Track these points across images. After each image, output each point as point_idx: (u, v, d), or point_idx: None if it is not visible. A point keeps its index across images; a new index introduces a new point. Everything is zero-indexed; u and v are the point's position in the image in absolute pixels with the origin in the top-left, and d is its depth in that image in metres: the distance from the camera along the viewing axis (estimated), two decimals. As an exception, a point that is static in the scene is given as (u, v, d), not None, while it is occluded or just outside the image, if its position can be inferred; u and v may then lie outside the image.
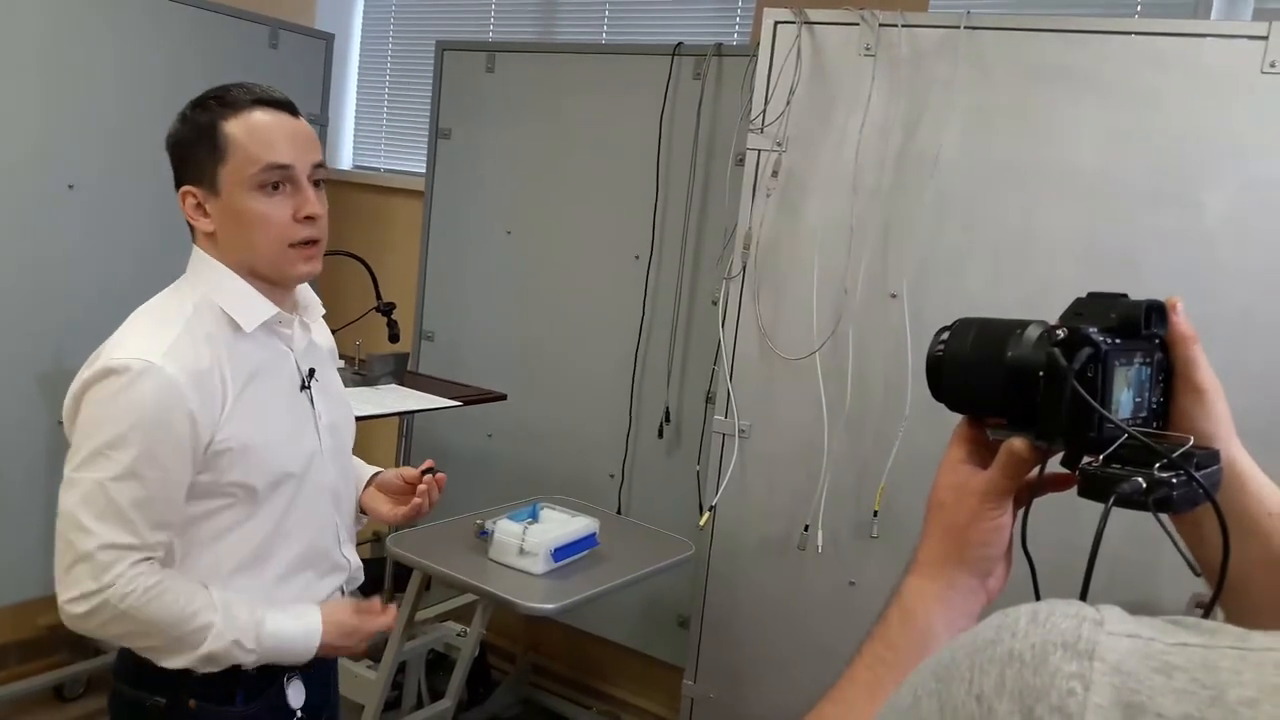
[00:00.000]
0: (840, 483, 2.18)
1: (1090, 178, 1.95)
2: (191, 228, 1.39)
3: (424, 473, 1.57)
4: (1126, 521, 0.61)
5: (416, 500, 1.56)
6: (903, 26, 2.06)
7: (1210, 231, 1.86)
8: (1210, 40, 1.85)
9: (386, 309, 2.67)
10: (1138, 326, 0.66)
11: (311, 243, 1.37)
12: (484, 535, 2.20)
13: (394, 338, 2.72)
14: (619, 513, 2.90)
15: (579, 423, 3.04)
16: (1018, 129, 2.00)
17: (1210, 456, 0.63)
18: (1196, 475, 0.60)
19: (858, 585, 2.19)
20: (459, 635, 2.88)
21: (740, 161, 2.32)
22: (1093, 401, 0.63)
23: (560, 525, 2.25)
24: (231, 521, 1.36)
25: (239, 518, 1.37)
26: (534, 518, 2.28)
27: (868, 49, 2.10)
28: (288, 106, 1.37)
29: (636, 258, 2.91)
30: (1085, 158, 1.95)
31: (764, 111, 2.20)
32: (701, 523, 2.33)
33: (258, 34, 3.04)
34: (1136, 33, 1.90)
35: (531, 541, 2.12)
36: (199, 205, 1.35)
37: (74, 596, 1.27)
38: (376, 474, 1.66)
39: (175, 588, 1.30)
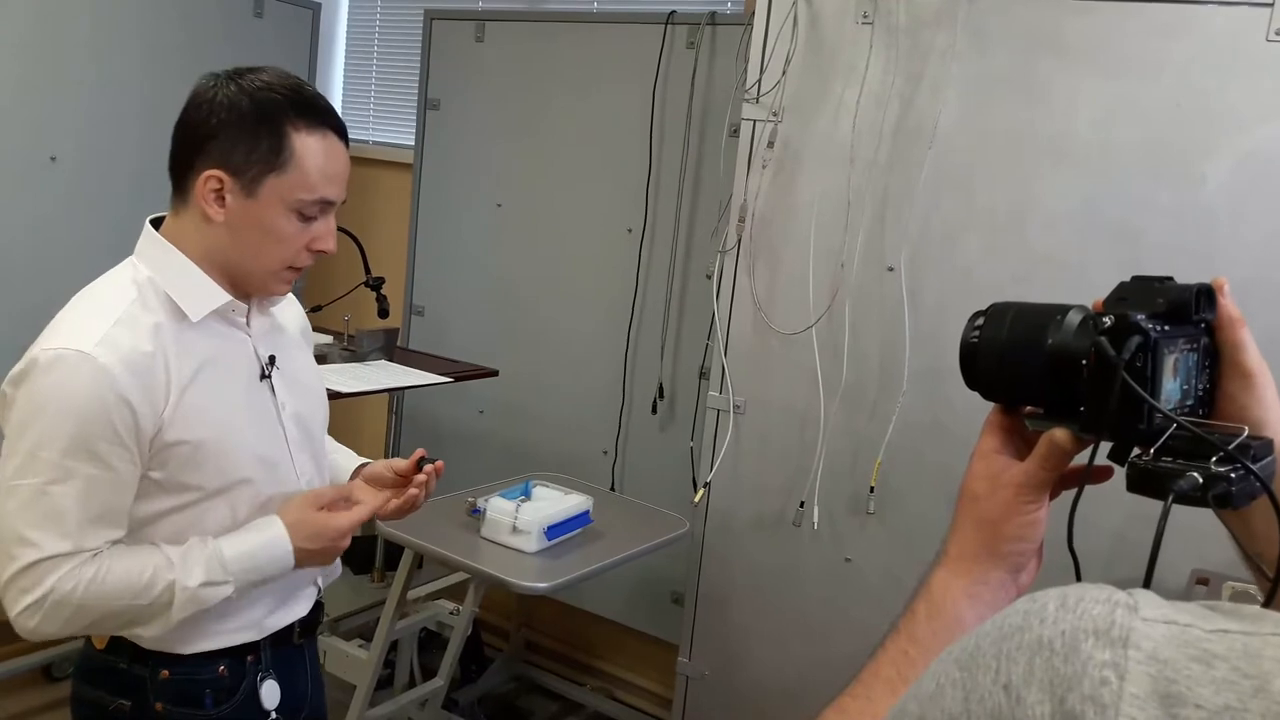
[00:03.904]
0: (836, 459, 2.16)
1: (1090, 148, 1.91)
2: (181, 198, 1.27)
3: (418, 463, 1.46)
4: (1128, 500, 0.59)
5: (413, 491, 1.45)
6: (901, -7, 2.02)
7: (1211, 203, 1.83)
8: (1214, 8, 1.81)
9: (376, 284, 2.63)
10: (1188, 312, 0.64)
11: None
12: (476, 513, 2.18)
13: (383, 313, 2.68)
14: (612, 490, 2.88)
15: (572, 399, 3.01)
16: (1017, 99, 1.96)
17: (1265, 447, 0.61)
18: (1254, 468, 0.58)
19: (853, 562, 2.17)
20: (451, 614, 2.86)
21: (735, 132, 2.27)
22: (1144, 394, 0.60)
23: (553, 503, 2.23)
24: (185, 525, 1.27)
25: (192, 520, 1.27)
26: (527, 495, 2.26)
27: (865, 17, 2.06)
28: (346, 136, 1.31)
29: (629, 231, 2.87)
30: (1085, 128, 1.91)
31: (759, 81, 2.16)
32: (696, 499, 2.31)
33: (242, 2, 2.97)
34: (1140, -1, 1.86)
35: (524, 519, 2.10)
36: (220, 194, 1.23)
37: (21, 610, 1.19)
38: (363, 465, 1.55)
39: (120, 565, 1.22)
